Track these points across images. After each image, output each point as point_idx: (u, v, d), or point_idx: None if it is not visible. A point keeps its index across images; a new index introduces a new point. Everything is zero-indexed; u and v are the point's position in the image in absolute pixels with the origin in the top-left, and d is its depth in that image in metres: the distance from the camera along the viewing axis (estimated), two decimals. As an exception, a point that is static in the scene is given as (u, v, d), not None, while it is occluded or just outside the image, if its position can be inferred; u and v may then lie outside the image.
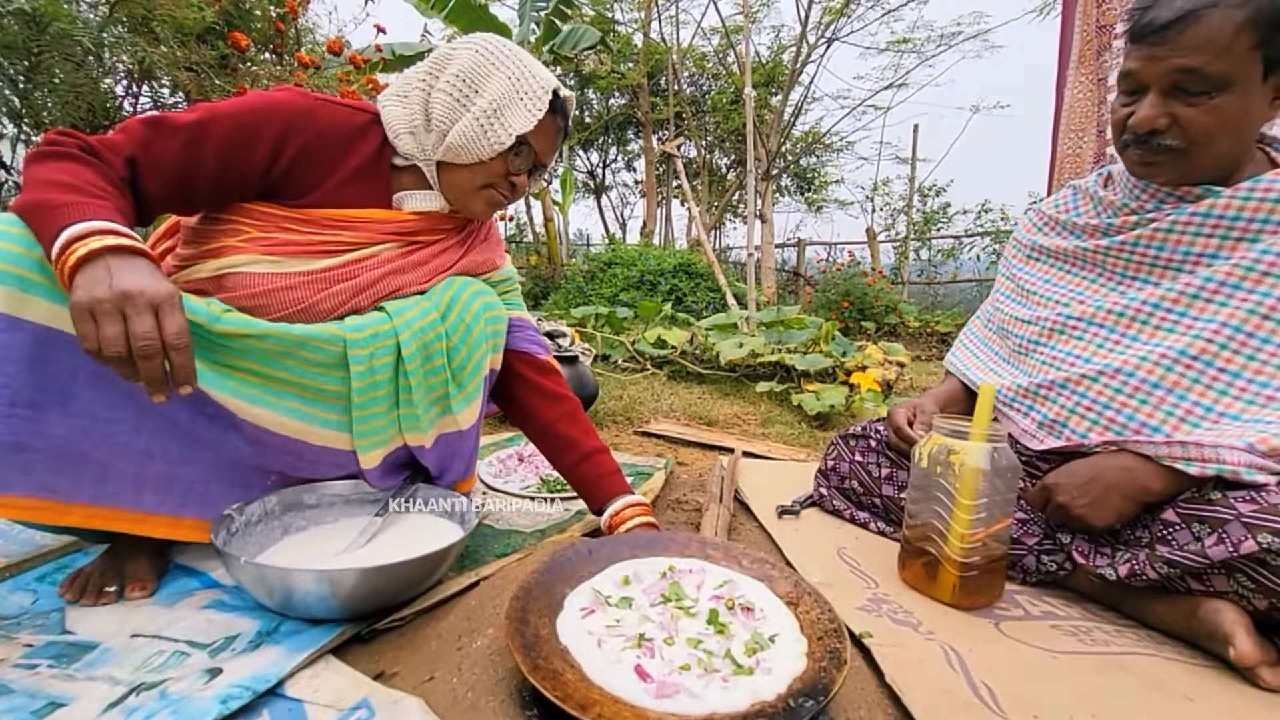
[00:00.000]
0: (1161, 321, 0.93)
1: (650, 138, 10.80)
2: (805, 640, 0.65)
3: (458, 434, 0.99)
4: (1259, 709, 0.72)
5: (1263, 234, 0.86)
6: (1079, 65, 1.91)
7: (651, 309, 3.31)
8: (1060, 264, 1.10)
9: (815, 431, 2.11)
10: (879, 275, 6.57)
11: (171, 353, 0.64)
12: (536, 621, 0.64)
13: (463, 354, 0.95)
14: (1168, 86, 0.86)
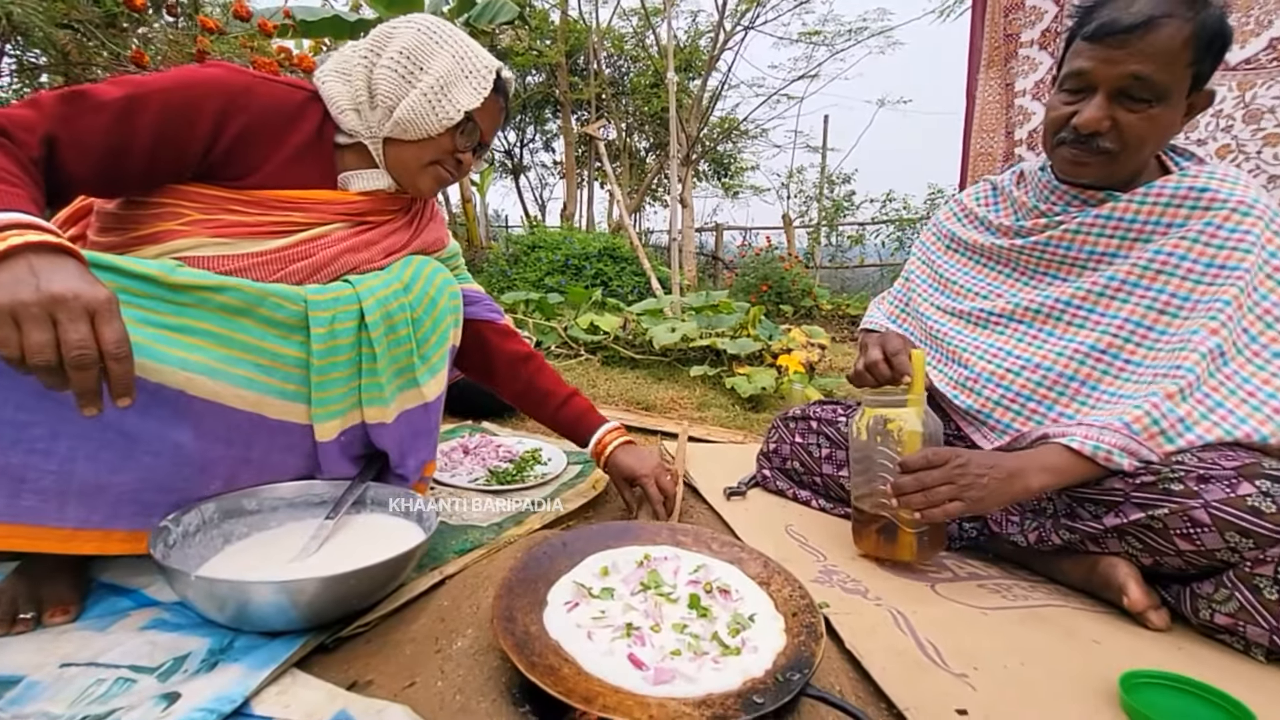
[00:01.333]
0: (1073, 318, 1.03)
1: (569, 118, 10.63)
2: (781, 617, 0.69)
3: (422, 408, 0.98)
4: (1150, 647, 0.83)
5: (1155, 235, 0.97)
6: (988, 69, 2.06)
7: (582, 295, 3.30)
8: (977, 258, 1.19)
9: (749, 414, 2.19)
10: (795, 260, 6.84)
11: (111, 363, 0.58)
12: (524, 619, 0.65)
13: (427, 325, 0.96)
14: (1115, 90, 0.91)
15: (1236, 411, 0.89)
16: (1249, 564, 0.81)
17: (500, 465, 1.39)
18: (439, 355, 0.99)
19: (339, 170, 0.94)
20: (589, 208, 11.63)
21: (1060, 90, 0.98)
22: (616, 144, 11.13)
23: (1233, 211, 0.92)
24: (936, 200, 8.10)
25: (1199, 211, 0.93)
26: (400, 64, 0.89)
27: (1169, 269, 0.95)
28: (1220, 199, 0.92)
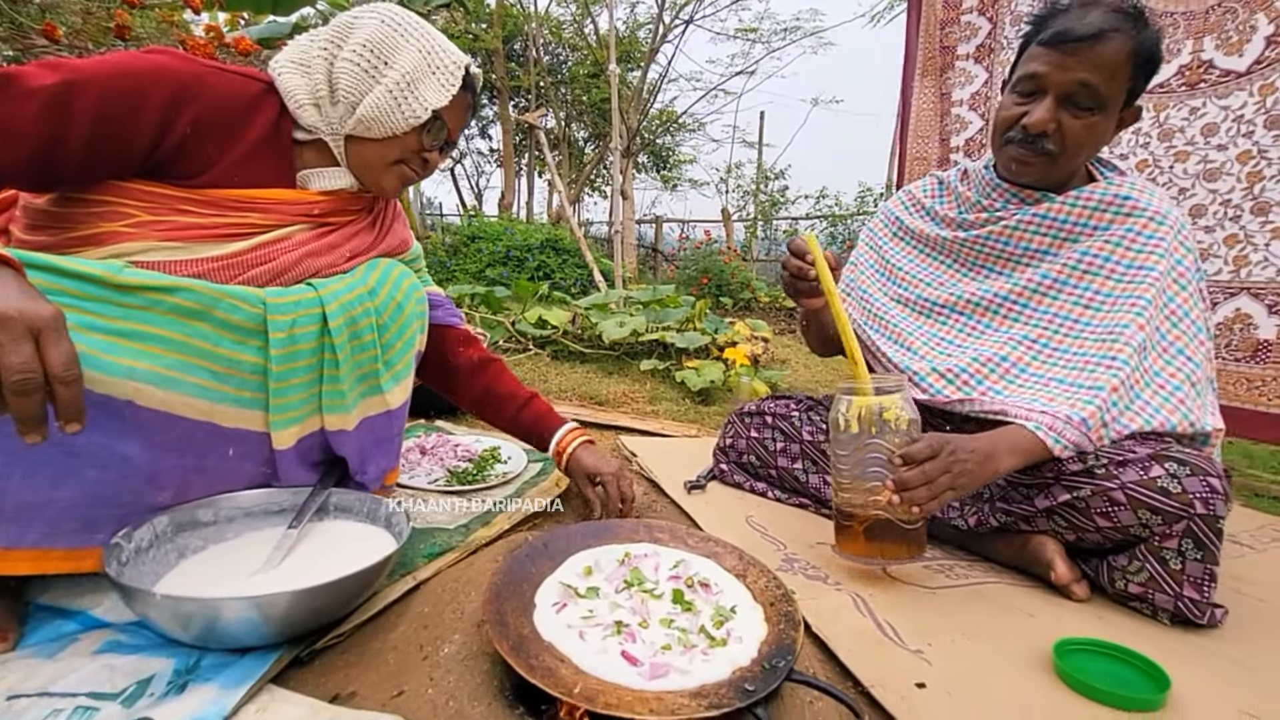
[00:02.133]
0: (1009, 312, 1.12)
1: (506, 105, 10.40)
2: (760, 607, 0.73)
3: (385, 415, 0.96)
4: (1075, 617, 0.92)
5: (1082, 235, 1.06)
6: (923, 78, 2.17)
7: (529, 289, 3.26)
8: (922, 247, 1.25)
9: (699, 407, 2.24)
10: (734, 254, 6.99)
11: (58, 386, 0.54)
12: (515, 622, 0.65)
13: (393, 331, 0.94)
14: (1063, 95, 0.98)
15: (1151, 403, 0.99)
16: (1158, 538, 0.91)
17: (460, 465, 1.38)
18: (404, 362, 0.97)
19: (297, 168, 0.89)
20: (529, 198, 11.43)
21: (1013, 92, 1.04)
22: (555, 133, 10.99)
23: (1150, 220, 1.02)
24: (866, 198, 8.44)
25: (1121, 217, 1.03)
26: (364, 57, 0.86)
27: (1094, 269, 1.05)
28: (1140, 207, 1.03)
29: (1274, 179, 1.72)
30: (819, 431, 1.34)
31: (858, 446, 0.91)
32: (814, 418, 1.38)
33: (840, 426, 0.92)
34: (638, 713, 0.52)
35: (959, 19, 2.15)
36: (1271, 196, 1.71)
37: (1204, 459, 0.91)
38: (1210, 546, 0.89)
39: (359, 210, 0.96)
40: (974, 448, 0.91)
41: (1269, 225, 1.72)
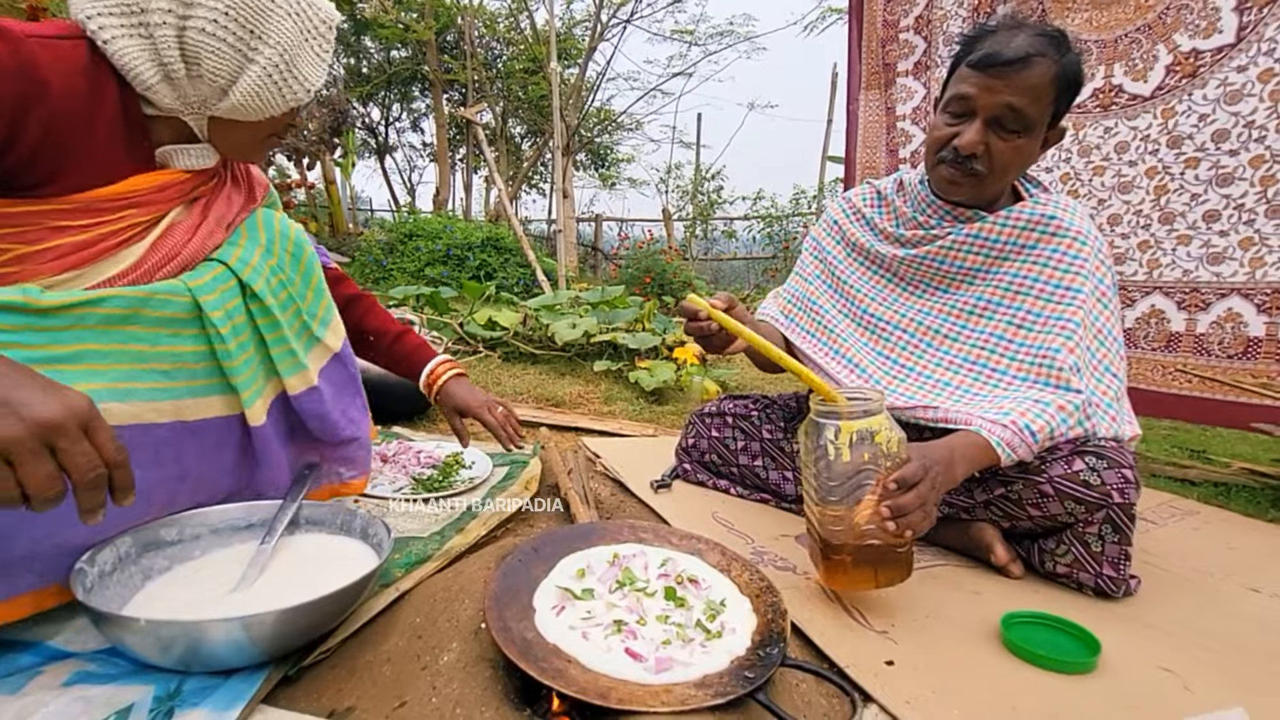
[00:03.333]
0: (949, 333, 1.17)
1: (440, 98, 10.12)
2: (747, 599, 0.77)
3: (335, 361, 0.97)
4: (1015, 593, 1.02)
5: (1012, 254, 1.13)
6: (868, 90, 2.29)
7: (477, 290, 3.21)
8: (865, 261, 1.30)
9: (654, 407, 2.28)
10: (675, 253, 7.09)
11: (116, 471, 0.55)
12: (518, 627, 0.66)
13: (298, 280, 0.93)
14: (992, 118, 1.02)
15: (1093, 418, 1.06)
16: (1081, 524, 1.02)
17: (423, 472, 1.36)
18: (323, 306, 0.97)
19: (154, 145, 0.80)
20: (466, 194, 11.16)
21: (944, 112, 1.09)
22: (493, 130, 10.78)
23: (1073, 240, 1.10)
24: (800, 200, 8.74)
25: (1048, 236, 1.11)
26: (229, 30, 0.73)
27: (1025, 289, 1.11)
28: (1064, 227, 1.11)
29: (1177, 191, 1.92)
30: (778, 430, 1.40)
31: (849, 475, 0.83)
32: (771, 416, 1.44)
33: (830, 455, 0.83)
34: (651, 706, 0.55)
35: (897, 36, 2.28)
36: (1175, 207, 1.92)
37: (1118, 451, 1.01)
38: (1125, 530, 1.00)
39: (217, 174, 0.89)
40: (938, 457, 0.90)
41: (1174, 233, 1.92)
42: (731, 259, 9.30)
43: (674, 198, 10.62)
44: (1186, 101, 2.03)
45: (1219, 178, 2.01)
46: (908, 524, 0.81)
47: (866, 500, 0.80)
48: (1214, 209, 2.03)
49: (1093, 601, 1.01)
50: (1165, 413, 1.92)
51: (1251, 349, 1.97)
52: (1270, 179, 1.92)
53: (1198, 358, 1.96)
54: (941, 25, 2.28)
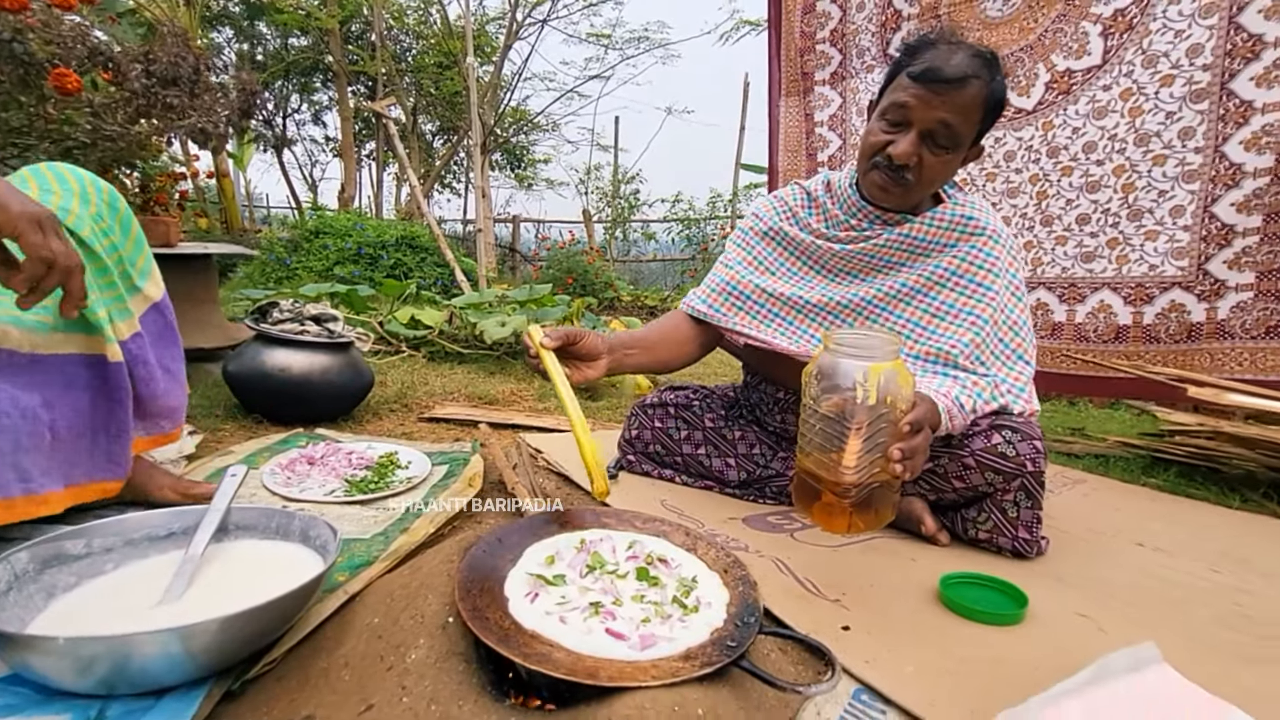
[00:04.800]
0: (870, 314, 1.22)
1: (345, 90, 9.61)
2: (716, 574, 0.78)
3: (155, 310, 1.01)
4: (944, 558, 1.09)
5: (934, 251, 1.21)
6: (787, 97, 2.39)
7: (397, 288, 3.07)
8: (792, 252, 1.31)
9: (588, 403, 2.27)
10: (597, 254, 7.09)
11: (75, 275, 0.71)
12: (494, 616, 0.64)
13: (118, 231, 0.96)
14: (926, 131, 1.04)
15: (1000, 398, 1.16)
16: (999, 493, 1.11)
17: (356, 474, 1.29)
18: (143, 257, 1.00)
19: None
20: (376, 191, 10.63)
21: (881, 118, 1.12)
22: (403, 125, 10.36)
23: (989, 239, 1.19)
24: (717, 203, 8.97)
25: (966, 236, 1.19)
26: None
27: (943, 281, 1.18)
28: (981, 227, 1.19)
29: (1055, 197, 2.13)
30: (719, 418, 1.44)
31: (873, 417, 0.81)
32: (712, 405, 1.47)
33: (859, 397, 0.80)
34: (640, 681, 0.55)
35: (814, 47, 2.39)
36: (1053, 211, 2.12)
37: (1030, 425, 1.12)
38: (1037, 496, 1.10)
39: None
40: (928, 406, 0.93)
41: (1054, 234, 2.13)
42: (651, 260, 9.41)
43: (593, 199, 10.62)
44: (1062, 116, 2.27)
45: (1089, 185, 2.25)
46: (914, 466, 0.83)
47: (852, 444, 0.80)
48: (1085, 213, 2.27)
49: (1011, 562, 1.10)
50: (1055, 389, 2.14)
51: (1121, 335, 2.23)
52: (1130, 186, 2.18)
53: (1078, 344, 2.19)
54: (855, 39, 2.42)
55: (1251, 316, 2.01)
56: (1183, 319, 2.16)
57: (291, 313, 1.72)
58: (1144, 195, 2.15)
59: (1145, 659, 0.73)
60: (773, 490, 1.36)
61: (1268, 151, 1.92)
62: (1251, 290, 2.00)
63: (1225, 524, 1.40)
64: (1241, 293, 2.01)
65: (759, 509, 1.30)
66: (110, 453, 0.94)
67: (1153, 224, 2.15)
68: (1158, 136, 2.09)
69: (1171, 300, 2.16)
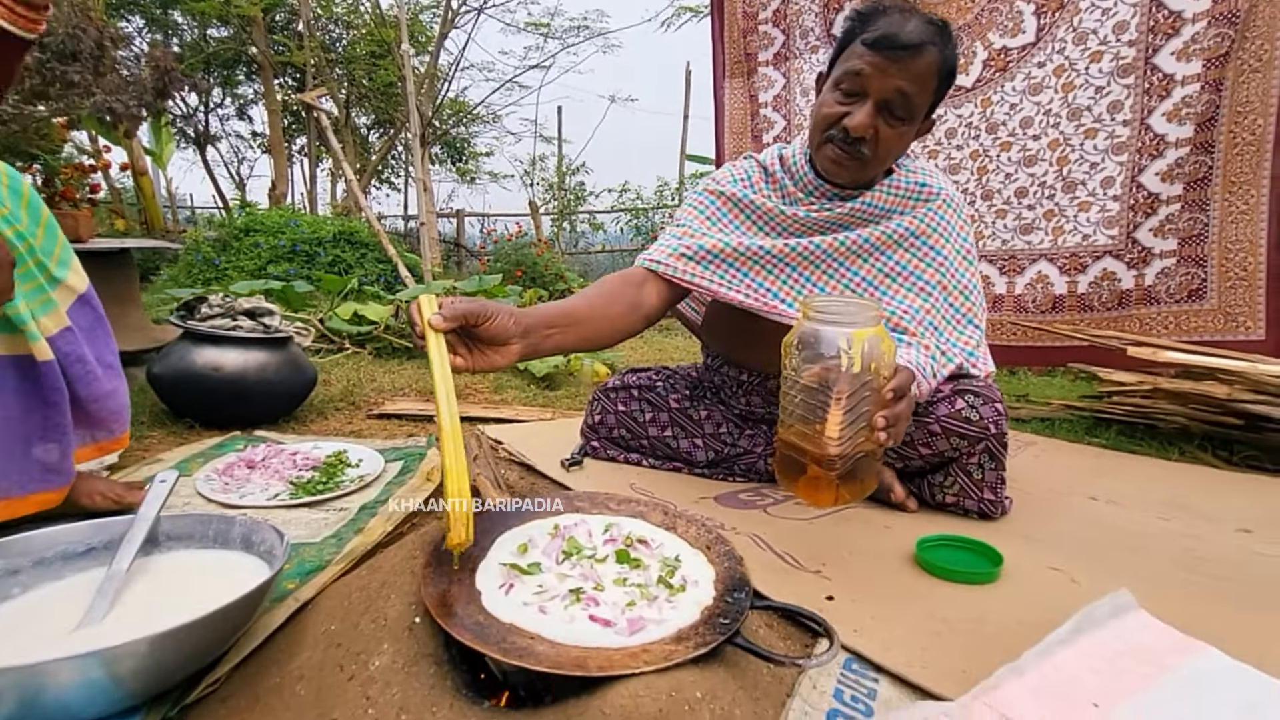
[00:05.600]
0: (828, 267, 1.18)
1: (271, 82, 9.12)
2: (699, 551, 0.75)
3: (82, 302, 0.95)
4: (916, 523, 1.10)
5: (893, 216, 1.20)
6: (731, 79, 2.37)
7: (335, 283, 2.91)
8: (749, 214, 1.23)
9: (545, 392, 2.21)
10: (545, 245, 6.97)
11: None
12: (464, 612, 0.59)
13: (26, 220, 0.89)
14: (882, 101, 1.00)
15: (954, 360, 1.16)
16: (964, 457, 1.12)
17: (302, 475, 1.20)
18: (59, 246, 0.93)
19: None
20: (310, 188, 10.14)
21: (835, 89, 1.07)
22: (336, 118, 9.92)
23: (943, 203, 1.19)
24: (664, 191, 8.95)
25: (921, 203, 1.18)
26: None
27: (899, 241, 1.17)
28: (934, 192, 1.19)
29: (994, 172, 2.18)
30: (684, 398, 1.41)
31: (858, 385, 0.78)
32: (676, 385, 1.44)
33: (844, 364, 0.77)
34: (631, 667, 0.51)
35: (757, 28, 2.38)
36: (993, 185, 2.18)
37: (990, 389, 1.13)
38: (1000, 457, 1.12)
39: None
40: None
41: (994, 208, 2.19)
42: (600, 251, 9.34)
43: (539, 190, 10.44)
44: (1000, 92, 2.33)
45: (1026, 159, 2.33)
46: (897, 434, 0.81)
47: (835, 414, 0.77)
48: (1023, 186, 2.35)
49: (977, 523, 1.12)
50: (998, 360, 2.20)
51: (1058, 304, 2.32)
52: (1064, 159, 2.26)
53: (1018, 314, 2.26)
54: (798, 19, 2.42)
55: (1175, 281, 2.12)
56: (1114, 287, 2.26)
57: (222, 307, 1.59)
58: (1077, 168, 2.23)
59: (1123, 606, 0.74)
60: (741, 468, 1.34)
61: (1188, 122, 2.02)
62: (1174, 257, 2.10)
63: (1167, 475, 1.46)
64: (1165, 259, 2.12)
65: (729, 487, 1.28)
66: (47, 461, 0.87)
67: (1085, 195, 2.23)
68: (1089, 110, 2.17)
69: (1104, 269, 2.26)
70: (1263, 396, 1.48)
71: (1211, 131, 1.98)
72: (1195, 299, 2.11)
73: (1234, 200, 1.99)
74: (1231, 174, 1.97)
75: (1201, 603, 0.84)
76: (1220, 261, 2.03)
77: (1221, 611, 0.82)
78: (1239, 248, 2.00)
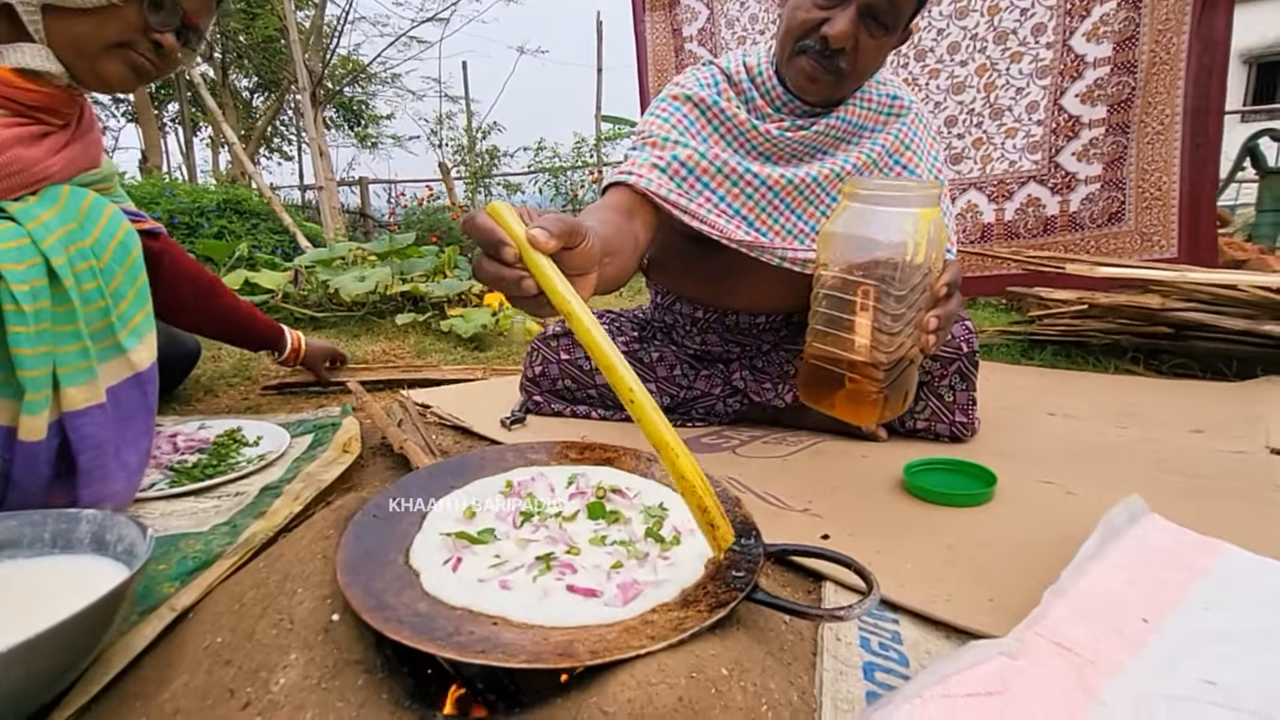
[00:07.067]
0: (810, 194, 1.08)
1: (126, 36, 8.00)
2: None
3: (134, 381, 0.76)
4: (892, 452, 1.03)
5: (865, 135, 1.08)
6: (652, 12, 2.19)
7: (222, 248, 2.56)
8: (718, 126, 1.08)
9: (475, 354, 2.03)
10: (461, 210, 6.57)
11: None
12: (399, 600, 0.44)
13: (121, 277, 0.77)
14: (866, 7, 0.88)
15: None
16: (937, 379, 1.06)
17: (185, 459, 0.99)
18: (142, 314, 0.79)
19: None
20: (187, 157, 9.07)
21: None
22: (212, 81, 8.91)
23: (915, 117, 1.09)
24: (582, 149, 8.61)
25: (894, 118, 1.08)
26: None
27: (877, 162, 1.07)
28: (905, 106, 1.08)
29: (924, 101, 2.13)
30: (633, 340, 1.28)
31: (916, 280, 0.68)
32: (623, 328, 1.32)
33: (907, 254, 0.66)
34: (635, 647, 0.38)
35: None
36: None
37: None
38: (971, 378, 1.07)
39: (69, 115, 0.80)
40: None
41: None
42: (520, 215, 8.94)
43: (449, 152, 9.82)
44: (927, 18, 2.28)
45: (954, 86, 2.30)
46: (944, 337, 0.71)
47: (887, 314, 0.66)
48: (952, 115, 2.33)
49: (950, 446, 1.06)
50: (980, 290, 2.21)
51: (986, 233, 2.34)
52: (991, 85, 2.25)
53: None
54: (719, -62, 2.26)
55: (1098, 207, 2.17)
56: (1039, 213, 2.30)
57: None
58: (1004, 94, 2.23)
59: (1138, 511, 0.69)
60: (700, 411, 1.24)
61: (1105, 41, 2.03)
62: (1099, 182, 2.15)
63: (1110, 388, 1.48)
64: (1090, 185, 2.16)
65: (690, 432, 1.18)
66: None
67: (1012, 121, 2.24)
68: (1014, 34, 2.16)
69: (1029, 195, 2.28)
70: (1193, 304, 1.52)
71: (1133, 51, 2.00)
72: (1114, 222, 2.17)
73: (1149, 121, 2.03)
74: (1149, 93, 2.01)
75: (1192, 500, 0.82)
76: (1138, 183, 2.09)
77: (1212, 506, 0.80)
78: (1155, 168, 2.05)
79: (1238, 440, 1.07)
